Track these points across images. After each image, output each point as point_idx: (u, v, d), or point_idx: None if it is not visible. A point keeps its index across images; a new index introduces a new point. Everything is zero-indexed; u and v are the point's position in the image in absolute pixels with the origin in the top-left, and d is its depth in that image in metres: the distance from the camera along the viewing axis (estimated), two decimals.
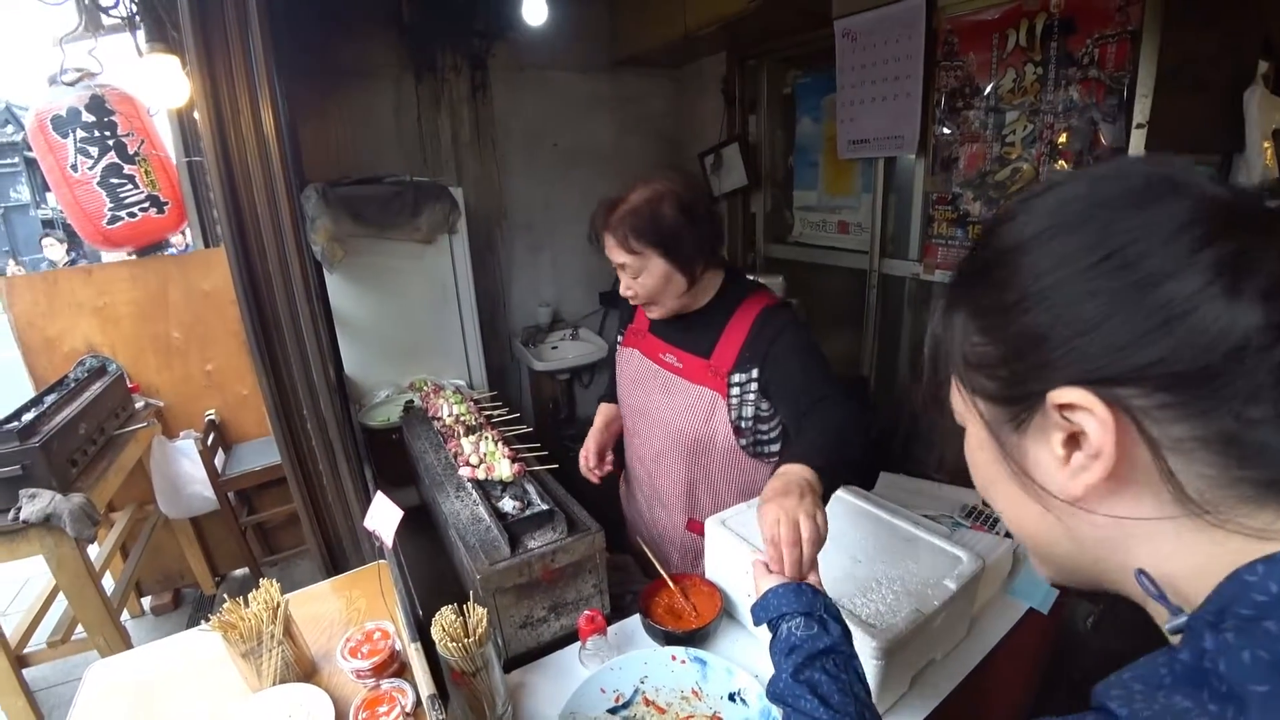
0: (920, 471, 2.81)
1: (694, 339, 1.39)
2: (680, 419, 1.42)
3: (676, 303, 1.34)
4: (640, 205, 1.26)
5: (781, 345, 1.29)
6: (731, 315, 1.34)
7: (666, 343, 1.45)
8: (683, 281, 1.30)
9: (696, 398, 1.39)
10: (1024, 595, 1.29)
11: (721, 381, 1.34)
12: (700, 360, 1.38)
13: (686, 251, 1.27)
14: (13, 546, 1.97)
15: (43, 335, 2.70)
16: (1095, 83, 2.02)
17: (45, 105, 2.57)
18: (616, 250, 1.29)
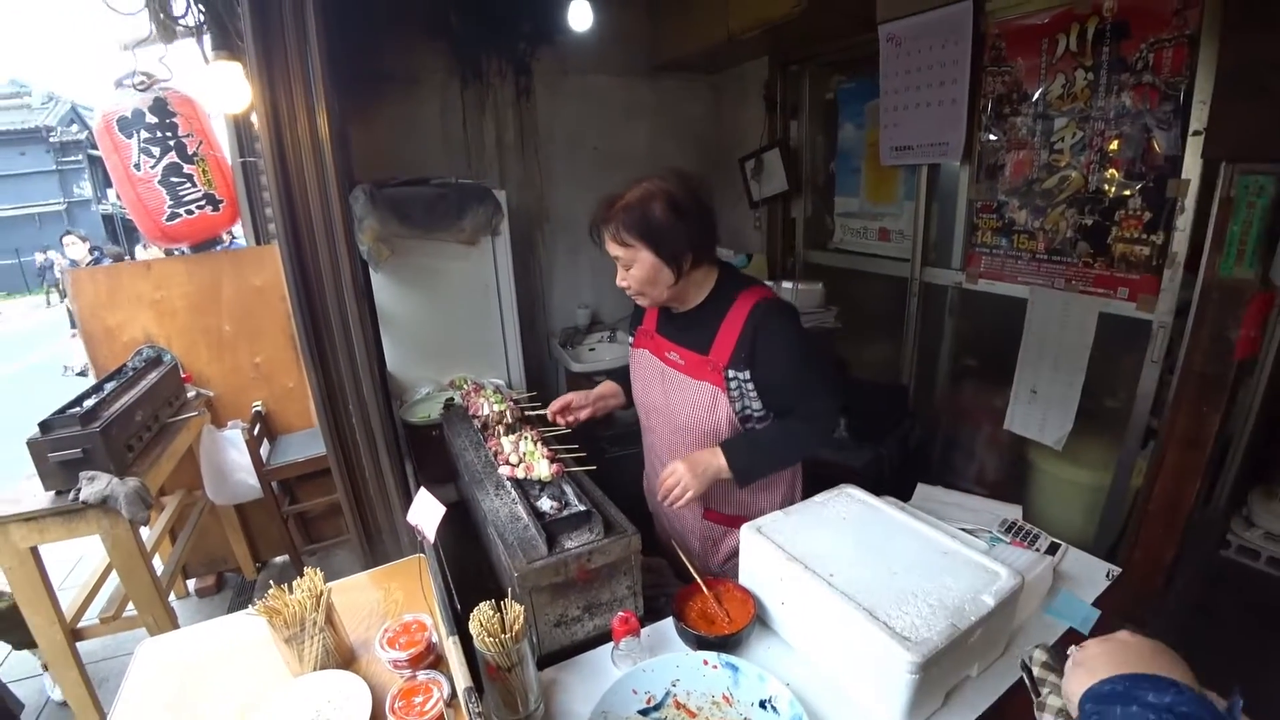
0: (959, 484, 2.78)
1: (694, 336, 1.47)
2: (686, 413, 1.49)
3: (665, 294, 1.42)
4: (633, 202, 1.35)
5: (767, 347, 1.38)
6: (727, 311, 1.42)
7: (670, 341, 1.53)
8: (670, 274, 1.38)
9: (698, 392, 1.46)
10: (1063, 615, 1.26)
11: (720, 375, 1.42)
12: (700, 356, 1.45)
13: (673, 246, 1.35)
14: (71, 526, 2.07)
15: (104, 325, 2.83)
16: (1149, 88, 1.97)
17: (112, 107, 2.70)
18: (611, 243, 1.39)
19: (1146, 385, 2.13)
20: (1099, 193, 2.16)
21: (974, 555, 1.17)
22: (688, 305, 1.48)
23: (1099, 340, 2.22)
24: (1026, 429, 2.47)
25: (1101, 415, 2.33)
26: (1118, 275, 2.15)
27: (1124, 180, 2.09)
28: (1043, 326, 2.37)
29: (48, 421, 2.08)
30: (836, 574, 1.12)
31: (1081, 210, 2.21)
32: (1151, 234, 2.05)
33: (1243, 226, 1.78)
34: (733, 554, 1.53)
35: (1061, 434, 2.35)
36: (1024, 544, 1.41)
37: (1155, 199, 2.02)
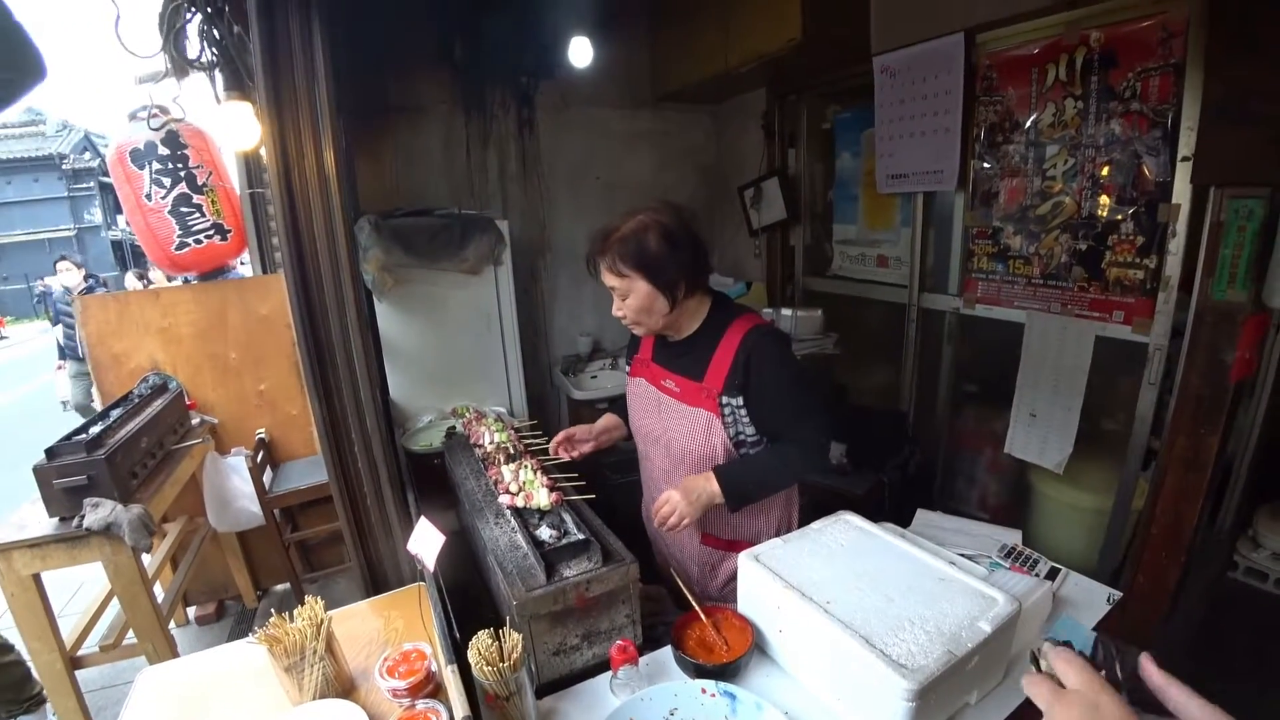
0: (960, 509, 2.77)
1: (688, 364, 1.50)
2: (683, 440, 1.51)
3: (661, 322, 1.45)
4: (627, 234, 1.39)
5: (760, 374, 1.41)
6: (720, 338, 1.45)
7: (666, 369, 1.56)
8: (665, 303, 1.41)
9: (694, 419, 1.49)
10: (1063, 639, 1.26)
11: (714, 401, 1.45)
12: (695, 383, 1.48)
13: (668, 275, 1.39)
14: (74, 552, 2.07)
15: (110, 352, 2.86)
16: (1138, 116, 2.01)
17: (125, 139, 2.77)
18: (607, 274, 1.42)
19: (1145, 407, 2.14)
20: (1092, 218, 2.19)
21: (971, 581, 1.17)
22: (682, 334, 1.52)
23: (1096, 363, 2.23)
24: (1027, 453, 2.47)
25: (1101, 438, 2.34)
26: (1113, 299, 2.17)
27: (1116, 205, 2.12)
28: (1040, 350, 2.39)
29: (54, 448, 2.10)
30: (834, 601, 1.13)
31: (1075, 235, 2.24)
32: (1144, 258, 2.07)
33: (1234, 250, 1.81)
34: (731, 578, 1.54)
35: (1062, 457, 2.35)
36: (1023, 569, 1.41)
37: (1147, 223, 2.05)
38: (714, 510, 1.47)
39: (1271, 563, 2.48)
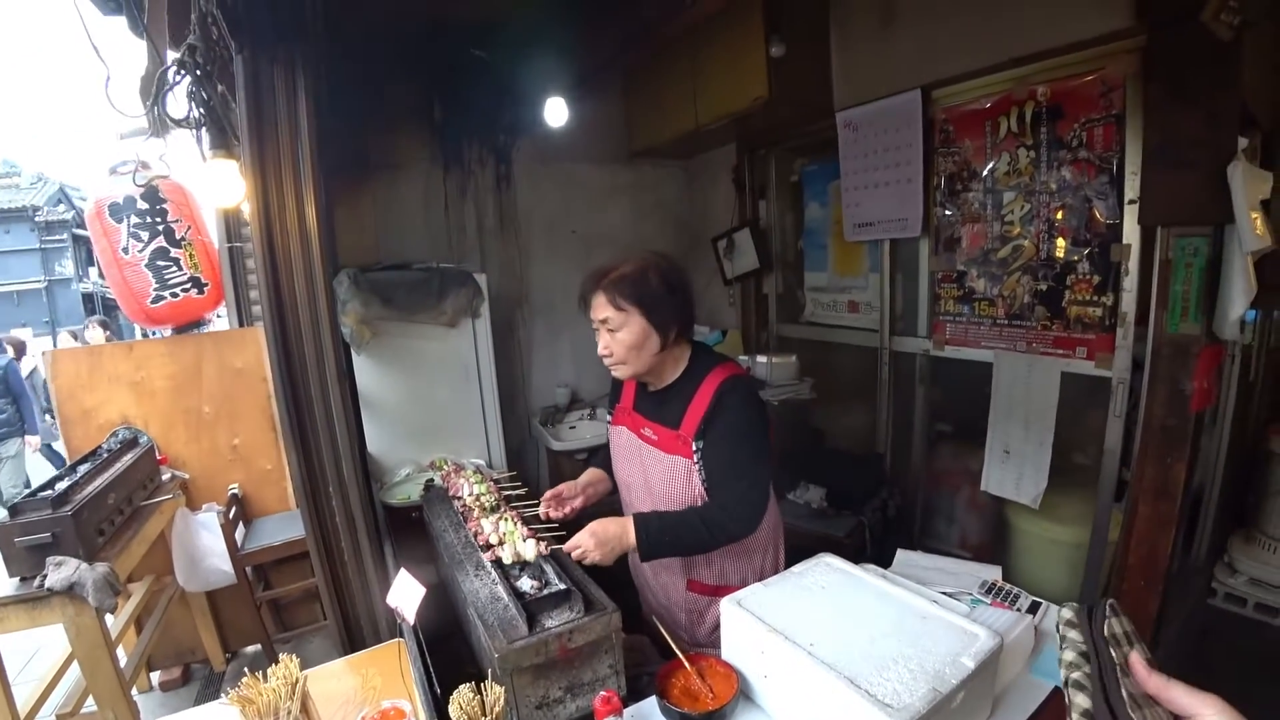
0: (940, 548, 2.78)
1: (667, 412, 1.52)
2: (663, 487, 1.53)
3: (646, 364, 1.47)
4: (629, 271, 1.44)
5: (719, 419, 1.43)
6: (698, 387, 1.47)
7: (646, 418, 1.58)
8: (657, 342, 1.45)
9: (671, 466, 1.51)
10: (1048, 674, 1.26)
11: (689, 448, 1.47)
12: (671, 432, 1.50)
13: (663, 315, 1.44)
14: (35, 614, 1.99)
15: (81, 407, 2.81)
16: (1086, 163, 2.14)
17: (104, 193, 2.79)
18: (604, 308, 1.44)
19: (1113, 439, 2.20)
20: (1050, 259, 2.29)
21: (953, 618, 1.18)
22: (663, 382, 1.54)
23: (1064, 399, 2.30)
24: (1003, 489, 2.51)
25: (1074, 471, 2.39)
26: (1075, 336, 2.25)
27: (1072, 247, 2.23)
28: (1009, 388, 2.45)
29: (17, 504, 2.04)
30: (817, 644, 1.13)
31: (1036, 276, 2.34)
32: (1102, 295, 2.17)
33: (1184, 285, 1.91)
34: (718, 624, 1.52)
35: (1037, 492, 2.39)
36: (1005, 604, 1.43)
37: (1101, 263, 2.16)
38: (697, 557, 1.48)
39: (1249, 588, 2.52)
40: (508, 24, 2.76)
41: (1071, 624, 0.73)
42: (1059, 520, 2.42)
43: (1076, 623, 0.73)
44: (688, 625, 1.62)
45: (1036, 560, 2.51)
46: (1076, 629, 0.72)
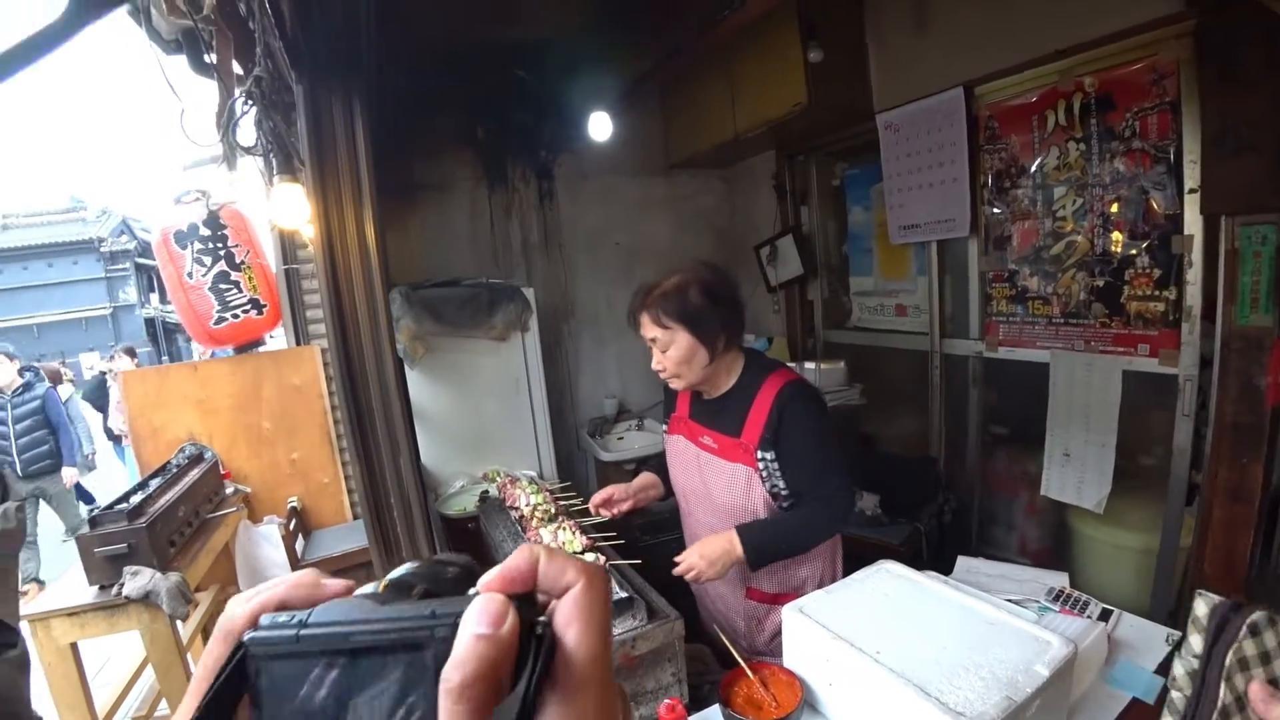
0: (1000, 554, 2.70)
1: (725, 420, 1.53)
2: (723, 495, 1.53)
3: (699, 375, 1.49)
4: (670, 288, 1.46)
5: (791, 429, 1.44)
6: (756, 394, 1.48)
7: (703, 426, 1.59)
8: (706, 354, 1.46)
9: (733, 474, 1.51)
10: (1125, 685, 1.22)
11: (751, 456, 1.47)
12: (732, 439, 1.51)
13: (708, 328, 1.44)
14: (113, 620, 2.08)
15: (150, 424, 2.94)
16: (1140, 153, 2.07)
17: (170, 222, 2.93)
18: (650, 326, 1.47)
19: (1182, 440, 2.10)
20: (1106, 254, 2.22)
21: (1023, 625, 1.15)
22: (718, 390, 1.55)
23: (1127, 398, 2.22)
24: (1063, 494, 2.43)
25: (1140, 474, 2.29)
26: (1136, 333, 2.18)
27: (1129, 241, 2.16)
28: (1068, 389, 2.37)
29: (97, 516, 2.14)
30: (883, 651, 1.11)
31: (1092, 272, 2.27)
32: (1163, 290, 2.09)
33: (1253, 276, 1.82)
34: (778, 632, 1.50)
35: (1100, 496, 2.30)
36: (1074, 612, 1.38)
37: (1162, 256, 2.08)
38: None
39: None
40: (547, 44, 2.83)
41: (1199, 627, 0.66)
42: (1125, 525, 2.33)
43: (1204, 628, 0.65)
44: (746, 633, 1.62)
45: (1102, 567, 2.42)
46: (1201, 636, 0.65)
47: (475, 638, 0.23)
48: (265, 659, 0.24)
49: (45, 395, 4.71)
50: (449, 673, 0.22)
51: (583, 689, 0.24)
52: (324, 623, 0.25)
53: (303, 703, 0.24)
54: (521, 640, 0.24)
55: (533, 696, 0.23)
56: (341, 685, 0.24)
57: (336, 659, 0.24)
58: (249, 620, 0.27)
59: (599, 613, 0.27)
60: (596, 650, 0.25)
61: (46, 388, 4.79)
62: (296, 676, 0.24)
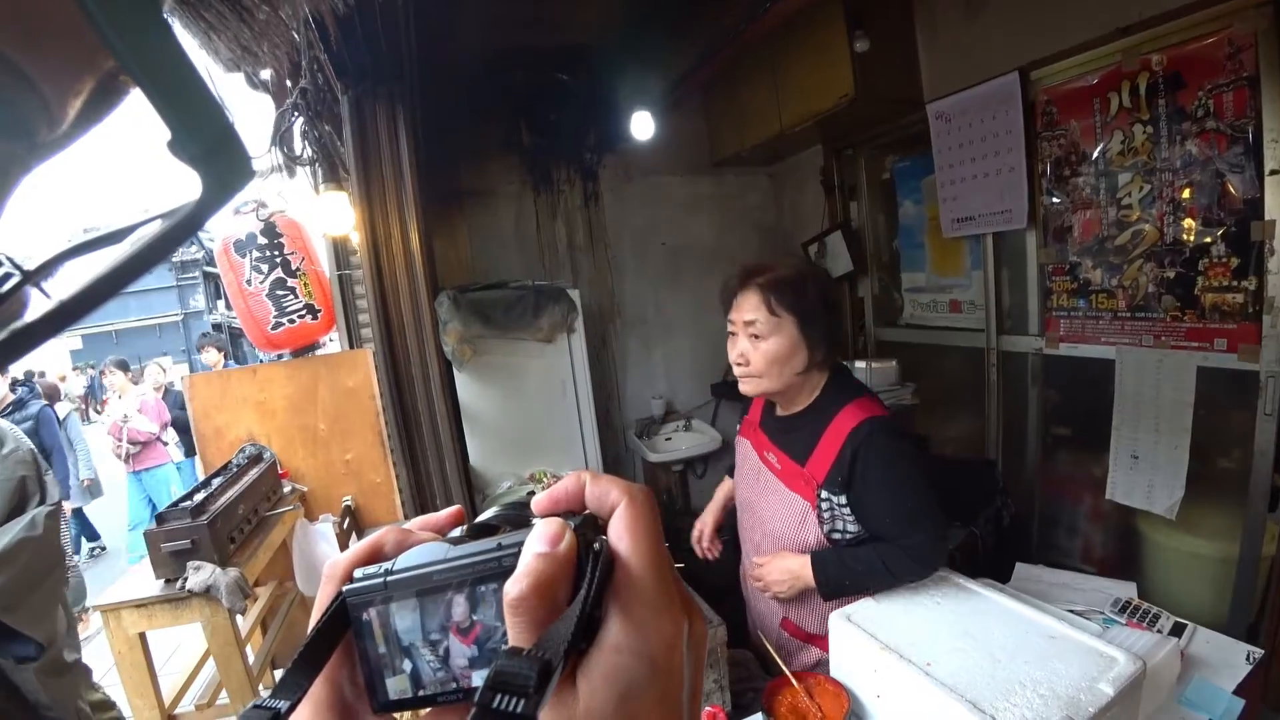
0: (1062, 562, 2.58)
1: (794, 441, 1.41)
2: (776, 522, 1.43)
3: (785, 381, 1.36)
4: (789, 275, 1.33)
5: (866, 473, 1.29)
6: (830, 422, 1.34)
7: (771, 441, 1.47)
8: (803, 359, 1.33)
9: (790, 504, 1.40)
10: (1199, 706, 1.14)
11: (813, 492, 1.35)
12: (797, 466, 1.39)
13: (818, 332, 1.32)
14: (177, 613, 2.19)
15: (214, 425, 3.08)
16: (1215, 134, 1.94)
17: (229, 232, 3.06)
18: (756, 309, 1.33)
19: (1264, 441, 1.96)
20: (1177, 243, 2.09)
21: (1086, 639, 1.09)
22: (794, 407, 1.43)
23: (1201, 397, 2.08)
24: (1131, 498, 2.29)
25: (1217, 477, 2.15)
26: (1211, 326, 2.04)
27: (1202, 228, 2.02)
28: (1135, 387, 2.24)
29: (163, 513, 2.25)
30: (934, 663, 1.07)
31: (1161, 263, 2.14)
32: (1242, 280, 1.95)
33: None
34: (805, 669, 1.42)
35: (1173, 501, 2.17)
36: (1143, 625, 1.30)
37: (1240, 243, 1.94)
38: (799, 597, 1.40)
39: None
40: (588, 47, 2.84)
41: None
42: (1200, 532, 2.18)
43: None
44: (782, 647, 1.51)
45: (1175, 577, 2.28)
46: None
47: (535, 556, 0.26)
48: (361, 604, 0.29)
49: (39, 415, 4.17)
50: (508, 587, 0.25)
51: (639, 597, 0.26)
52: (407, 568, 0.29)
53: (397, 634, 0.28)
54: (582, 559, 0.27)
55: (591, 605, 0.25)
56: (428, 617, 0.28)
57: (422, 596, 0.28)
58: (349, 564, 0.31)
59: (646, 526, 0.28)
60: (647, 560, 0.27)
61: (41, 406, 4.26)
62: (389, 614, 0.29)
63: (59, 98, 0.24)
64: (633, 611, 0.26)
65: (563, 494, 0.30)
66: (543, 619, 0.24)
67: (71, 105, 0.25)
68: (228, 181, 0.21)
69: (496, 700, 0.21)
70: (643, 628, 0.26)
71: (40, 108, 0.24)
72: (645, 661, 0.25)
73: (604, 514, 0.29)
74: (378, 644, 0.29)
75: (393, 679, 0.29)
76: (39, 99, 0.23)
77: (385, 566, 0.29)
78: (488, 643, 0.27)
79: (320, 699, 0.29)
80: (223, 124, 0.20)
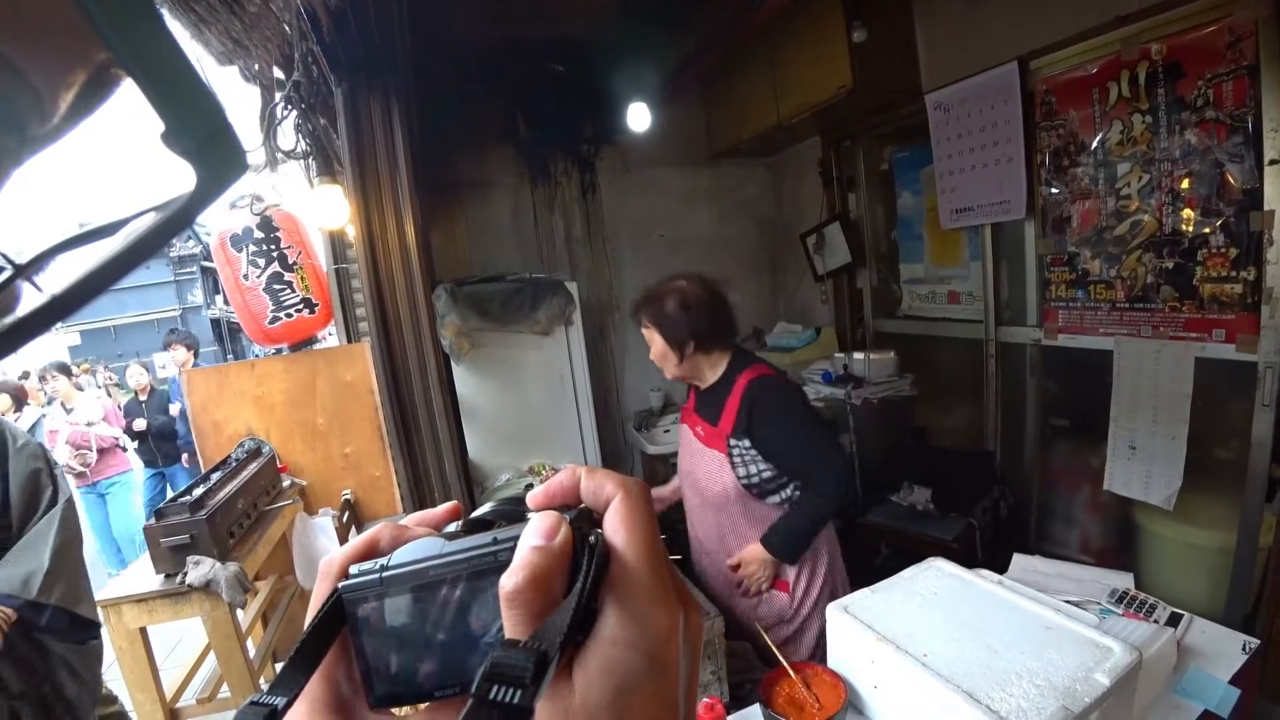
0: (1059, 552, 2.58)
1: (710, 410, 1.70)
2: (704, 479, 1.71)
3: (675, 370, 1.69)
4: (653, 296, 1.67)
5: (762, 418, 1.59)
6: (732, 387, 1.64)
7: (698, 416, 1.76)
8: (675, 355, 1.64)
9: (710, 459, 1.69)
10: (1196, 696, 1.14)
11: (724, 443, 1.64)
12: (712, 427, 1.68)
13: (676, 333, 1.63)
14: (177, 607, 2.19)
15: (212, 419, 3.08)
16: (1214, 123, 1.93)
17: (225, 226, 3.05)
18: (644, 326, 1.68)
19: (1262, 431, 1.96)
20: (1176, 234, 2.08)
21: (1083, 630, 1.09)
22: (706, 383, 1.71)
23: (1199, 387, 2.08)
24: (1129, 489, 2.30)
25: (1215, 468, 2.15)
26: (1210, 317, 2.03)
27: (1201, 218, 2.01)
28: (1134, 378, 2.24)
29: (162, 509, 2.25)
30: (931, 654, 1.07)
31: (1160, 254, 2.13)
32: (1241, 270, 1.95)
33: None
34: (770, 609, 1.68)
35: (1170, 492, 2.17)
36: (1139, 615, 1.30)
37: (1239, 234, 1.94)
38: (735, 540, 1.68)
39: None
40: (584, 38, 2.82)
41: None
42: (1198, 523, 2.19)
43: None
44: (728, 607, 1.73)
45: (1172, 567, 2.28)
46: None
47: (531, 549, 0.26)
48: (356, 600, 0.29)
49: None
50: (504, 581, 0.25)
51: (636, 589, 0.26)
52: (402, 563, 0.29)
53: (393, 630, 0.28)
54: (577, 552, 0.27)
55: (587, 598, 0.26)
56: (424, 612, 0.28)
57: (418, 591, 0.28)
58: (344, 560, 0.31)
59: (641, 519, 0.28)
60: (643, 553, 0.27)
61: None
62: (385, 609, 0.28)
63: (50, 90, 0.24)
64: (629, 604, 0.26)
65: (558, 488, 0.30)
66: (539, 612, 0.25)
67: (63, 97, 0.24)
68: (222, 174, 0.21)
69: (493, 691, 0.21)
70: (639, 620, 0.26)
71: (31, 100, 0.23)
72: (642, 654, 0.25)
73: (599, 507, 0.29)
74: (374, 640, 0.29)
75: (389, 675, 0.29)
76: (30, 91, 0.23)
77: (380, 562, 0.29)
78: (484, 637, 0.27)
79: (318, 696, 0.29)
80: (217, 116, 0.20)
